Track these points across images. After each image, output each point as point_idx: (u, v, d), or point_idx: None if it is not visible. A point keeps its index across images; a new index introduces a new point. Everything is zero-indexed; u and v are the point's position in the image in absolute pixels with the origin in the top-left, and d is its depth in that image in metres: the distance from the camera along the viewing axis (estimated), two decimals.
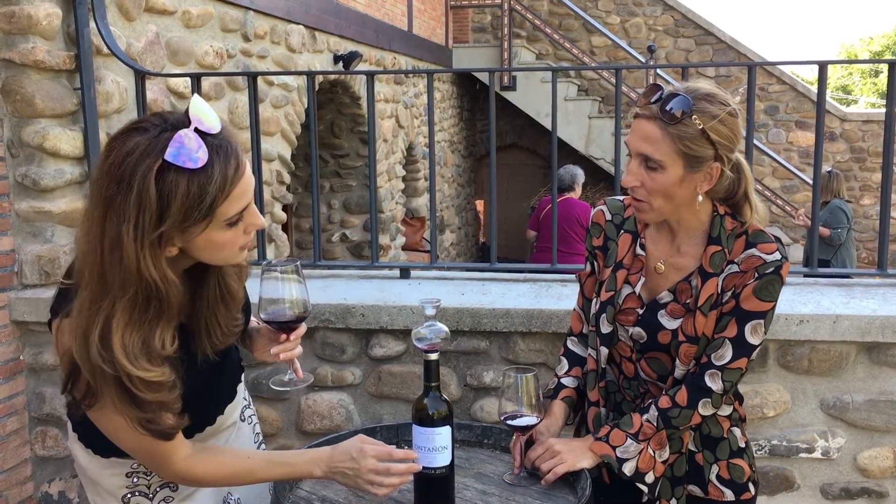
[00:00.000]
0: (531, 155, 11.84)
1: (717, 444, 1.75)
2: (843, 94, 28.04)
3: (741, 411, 1.80)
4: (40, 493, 2.91)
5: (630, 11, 11.50)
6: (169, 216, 1.26)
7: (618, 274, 1.76)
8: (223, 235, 1.35)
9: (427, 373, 1.66)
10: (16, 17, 2.75)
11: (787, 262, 1.64)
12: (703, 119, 1.55)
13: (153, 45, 3.66)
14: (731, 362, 1.64)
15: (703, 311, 1.65)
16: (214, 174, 1.28)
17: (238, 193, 1.33)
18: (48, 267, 2.83)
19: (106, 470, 1.58)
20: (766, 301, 1.62)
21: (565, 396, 1.89)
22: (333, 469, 1.54)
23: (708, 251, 1.66)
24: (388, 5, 8.38)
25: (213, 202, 1.29)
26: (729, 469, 1.75)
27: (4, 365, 2.78)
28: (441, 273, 3.09)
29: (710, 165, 1.59)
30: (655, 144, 1.56)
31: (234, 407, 1.72)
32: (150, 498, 1.60)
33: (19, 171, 2.84)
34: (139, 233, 1.25)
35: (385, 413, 2.72)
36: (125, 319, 1.29)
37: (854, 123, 10.82)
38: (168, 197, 1.26)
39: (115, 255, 1.27)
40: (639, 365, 1.75)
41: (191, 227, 1.30)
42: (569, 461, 1.70)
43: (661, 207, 1.63)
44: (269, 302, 1.57)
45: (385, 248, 7.89)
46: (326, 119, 7.42)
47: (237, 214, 1.35)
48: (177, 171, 1.26)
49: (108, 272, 1.28)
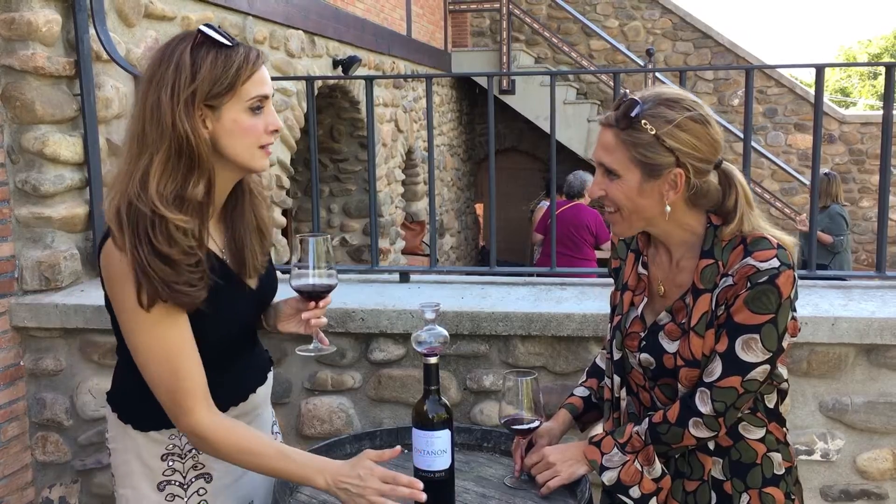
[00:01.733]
0: (531, 159, 11.85)
1: (748, 470, 1.61)
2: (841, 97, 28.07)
3: (780, 433, 1.64)
4: (41, 498, 2.92)
5: (629, 15, 11.53)
6: (199, 79, 1.47)
7: (624, 296, 1.71)
8: (247, 120, 1.52)
9: (427, 376, 1.66)
10: (16, 23, 2.76)
11: (788, 271, 1.48)
12: (655, 124, 1.48)
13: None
14: (720, 380, 1.51)
15: (697, 331, 1.54)
16: (239, 53, 1.50)
17: (258, 78, 1.52)
18: (48, 273, 2.84)
19: (143, 451, 1.63)
20: (760, 314, 1.48)
21: (568, 403, 1.89)
22: (338, 484, 1.53)
23: (699, 266, 1.56)
24: (387, 10, 8.40)
25: (236, 76, 1.49)
26: (761, 498, 1.60)
27: (5, 370, 2.78)
28: (441, 277, 3.09)
29: (673, 172, 1.50)
30: (611, 152, 1.53)
31: (264, 400, 1.80)
32: (185, 488, 1.65)
33: (19, 176, 2.84)
34: (175, 92, 1.47)
35: (385, 417, 2.72)
36: (160, 170, 1.47)
37: (853, 126, 10.83)
38: (199, 64, 1.48)
39: (154, 115, 1.47)
40: (653, 393, 1.66)
41: (218, 97, 1.49)
42: (564, 474, 1.69)
43: (630, 218, 1.56)
44: (301, 273, 1.65)
45: (385, 252, 7.89)
46: (326, 123, 7.43)
47: (258, 98, 1.52)
48: (208, 47, 1.49)
49: (147, 132, 1.48)
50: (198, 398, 1.54)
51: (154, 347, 1.52)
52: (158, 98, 1.48)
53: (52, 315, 2.76)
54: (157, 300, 1.48)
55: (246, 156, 1.55)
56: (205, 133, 1.50)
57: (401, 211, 8.69)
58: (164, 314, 1.50)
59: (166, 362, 1.52)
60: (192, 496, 1.67)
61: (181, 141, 1.47)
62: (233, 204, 1.65)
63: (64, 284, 2.88)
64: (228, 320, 1.63)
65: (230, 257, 1.64)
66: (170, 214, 1.46)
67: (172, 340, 1.52)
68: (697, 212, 1.58)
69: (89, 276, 3.04)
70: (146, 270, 1.45)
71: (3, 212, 2.82)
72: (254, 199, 1.68)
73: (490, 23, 11.81)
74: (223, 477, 1.70)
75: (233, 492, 1.72)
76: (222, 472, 1.69)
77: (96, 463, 2.85)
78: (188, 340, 1.54)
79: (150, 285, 1.46)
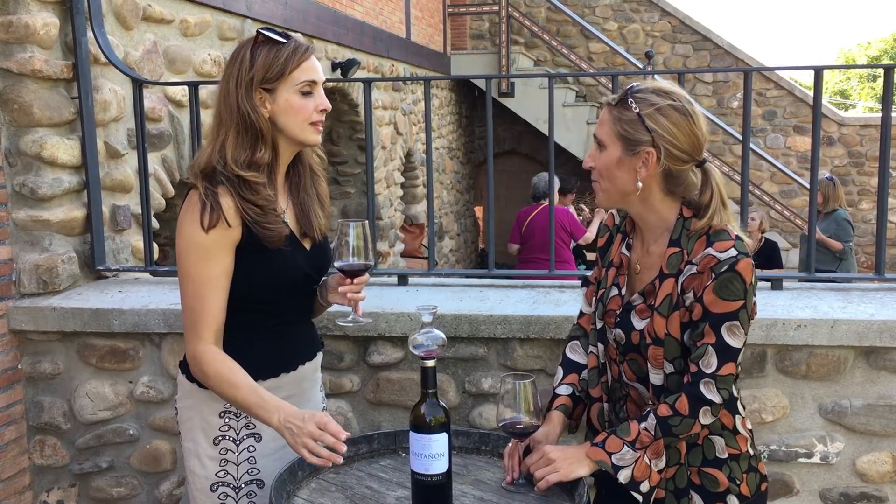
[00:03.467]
0: (530, 161, 11.84)
1: (689, 449, 1.75)
2: (841, 99, 28.10)
3: (727, 420, 1.76)
4: (39, 502, 2.91)
5: (628, 18, 11.53)
6: (255, 68, 1.81)
7: (609, 272, 1.84)
8: (298, 101, 1.83)
9: (424, 379, 1.66)
10: (13, 26, 2.76)
11: (744, 259, 1.62)
12: (641, 105, 1.67)
13: (151, 54, 3.67)
14: (719, 369, 1.64)
15: (660, 311, 1.68)
16: (289, 46, 1.83)
17: (307, 67, 1.84)
18: (46, 276, 2.83)
19: (205, 407, 1.89)
20: (732, 300, 1.61)
21: (560, 405, 1.90)
22: (286, 423, 1.73)
23: (667, 252, 1.71)
24: (386, 13, 8.40)
25: (285, 64, 1.81)
26: (700, 476, 1.74)
27: (3, 374, 2.78)
28: (439, 280, 3.09)
29: (646, 150, 1.66)
30: (603, 126, 1.72)
31: (312, 378, 2.03)
32: (237, 444, 1.89)
33: (17, 179, 2.84)
34: (238, 80, 1.82)
35: (383, 420, 2.71)
36: (233, 142, 1.82)
37: (852, 128, 10.83)
38: (256, 57, 1.82)
39: (226, 100, 1.83)
40: (622, 368, 1.79)
41: (272, 82, 1.81)
42: (563, 470, 1.70)
43: (608, 189, 1.73)
44: (341, 254, 1.85)
45: (384, 254, 7.89)
46: (325, 126, 7.42)
47: (307, 83, 1.84)
48: (263, 45, 1.83)
49: (222, 112, 1.84)
50: (210, 329, 1.82)
51: (195, 273, 1.80)
52: (227, 86, 1.83)
53: (49, 318, 2.76)
54: (217, 224, 1.76)
55: (297, 130, 1.85)
56: (264, 112, 1.82)
57: (400, 214, 8.69)
58: (217, 244, 1.79)
59: (200, 286, 1.80)
60: (243, 451, 1.90)
61: (246, 119, 1.81)
62: (297, 179, 1.96)
63: (62, 288, 2.88)
64: (287, 270, 1.88)
65: (294, 221, 1.93)
66: (244, 173, 1.80)
67: (211, 272, 1.80)
68: (672, 201, 1.73)
69: (87, 280, 3.03)
70: (243, 213, 1.79)
71: (0, 215, 2.81)
72: (315, 175, 2.00)
73: (489, 25, 11.81)
74: (271, 441, 1.89)
75: (280, 456, 1.88)
76: (270, 436, 1.87)
77: (94, 466, 2.85)
78: (224, 277, 1.82)
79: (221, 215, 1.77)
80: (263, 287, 1.86)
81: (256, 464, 1.90)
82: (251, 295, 1.86)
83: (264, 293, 1.87)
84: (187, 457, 1.94)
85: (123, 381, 2.81)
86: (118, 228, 3.25)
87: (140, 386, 2.79)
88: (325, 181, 2.04)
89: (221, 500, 1.90)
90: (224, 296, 1.83)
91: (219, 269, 1.81)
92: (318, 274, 1.99)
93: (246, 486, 1.90)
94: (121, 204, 3.27)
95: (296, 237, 1.92)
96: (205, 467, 1.90)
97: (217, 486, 1.89)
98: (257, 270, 1.84)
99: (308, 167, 1.98)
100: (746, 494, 1.76)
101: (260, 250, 1.83)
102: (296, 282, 1.91)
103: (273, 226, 1.82)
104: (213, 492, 1.90)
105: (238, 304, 1.85)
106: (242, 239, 1.81)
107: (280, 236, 1.83)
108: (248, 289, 1.85)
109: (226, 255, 1.81)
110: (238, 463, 1.90)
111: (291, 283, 1.90)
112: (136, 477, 2.85)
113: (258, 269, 1.84)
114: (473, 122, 12.10)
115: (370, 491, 1.79)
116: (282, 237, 1.84)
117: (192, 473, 1.93)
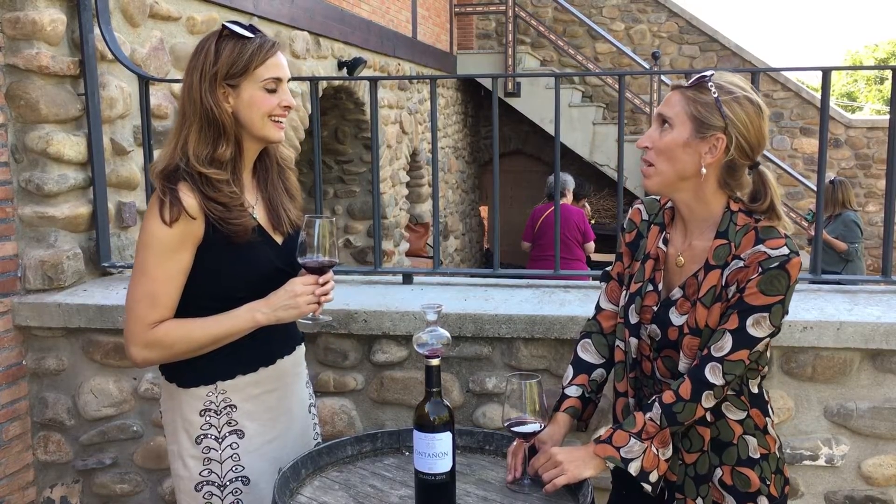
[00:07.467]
0: (536, 161, 11.84)
1: (725, 447, 1.73)
2: (848, 101, 28.00)
3: (760, 420, 1.75)
4: (42, 498, 2.91)
5: (634, 18, 11.51)
6: (219, 63, 1.79)
7: (646, 265, 1.81)
8: (262, 97, 1.81)
9: (428, 378, 1.66)
10: (20, 22, 2.76)
11: (796, 258, 1.62)
12: (719, 91, 1.65)
13: (157, 51, 3.67)
14: (731, 353, 1.63)
15: (703, 302, 1.67)
16: (254, 43, 1.81)
17: (272, 63, 1.82)
18: (51, 272, 2.84)
19: (185, 407, 1.87)
20: (771, 295, 1.61)
21: (568, 407, 1.88)
22: (275, 307, 1.80)
23: (713, 245, 1.69)
24: (393, 12, 8.40)
25: (249, 61, 1.79)
26: (733, 476, 1.72)
27: (7, 370, 2.78)
28: (444, 279, 3.08)
29: (717, 136, 1.64)
30: (672, 106, 1.69)
31: (294, 373, 2.00)
32: (219, 442, 1.87)
33: (23, 176, 2.84)
34: (201, 75, 1.80)
35: (387, 419, 2.71)
36: (196, 137, 1.80)
37: (859, 130, 10.79)
38: (221, 52, 1.80)
39: (189, 95, 1.81)
40: (655, 364, 1.77)
41: (235, 77, 1.79)
42: (570, 472, 1.69)
43: (664, 172, 1.69)
44: (304, 249, 1.82)
45: (389, 254, 7.89)
46: (330, 125, 7.43)
47: (272, 80, 1.82)
48: (228, 39, 1.81)
49: (186, 108, 1.82)
50: (165, 307, 1.79)
51: (153, 268, 1.77)
52: (191, 80, 1.81)
53: (54, 315, 2.76)
54: (180, 217, 1.74)
55: (258, 126, 1.83)
56: (227, 107, 1.81)
57: (405, 213, 8.68)
58: (180, 238, 1.76)
59: (157, 282, 1.77)
60: (226, 449, 1.88)
61: (209, 114, 1.79)
62: (264, 175, 1.95)
63: (66, 284, 2.88)
64: (258, 264, 1.86)
65: (264, 216, 1.92)
66: (206, 170, 1.78)
67: (171, 269, 1.77)
68: (721, 195, 1.71)
69: (92, 276, 3.04)
70: (206, 210, 1.77)
71: (6, 211, 2.82)
72: (282, 170, 2.00)
73: (496, 25, 11.80)
74: (255, 437, 1.89)
75: (264, 453, 1.90)
76: (254, 432, 1.89)
77: (98, 463, 2.85)
78: (182, 275, 1.80)
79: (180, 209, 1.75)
80: (234, 283, 1.84)
81: (240, 461, 1.89)
82: (222, 293, 1.83)
83: (235, 289, 1.84)
84: (172, 460, 1.93)
85: (127, 377, 2.81)
86: (123, 225, 3.25)
87: (144, 383, 2.80)
88: (293, 174, 2.04)
89: (207, 500, 1.88)
90: (179, 294, 1.81)
91: (178, 266, 1.79)
92: (290, 268, 1.93)
93: (231, 483, 1.88)
94: (126, 201, 3.28)
95: (266, 232, 1.90)
96: (188, 468, 1.88)
97: (202, 485, 1.88)
98: (227, 267, 1.82)
99: (274, 161, 1.97)
100: (775, 495, 1.76)
101: (228, 246, 1.81)
102: (266, 276, 1.87)
103: (238, 220, 1.80)
104: (198, 491, 1.88)
105: (209, 301, 1.82)
106: (208, 235, 1.79)
107: (246, 230, 1.81)
108: (218, 286, 1.83)
109: (187, 251, 1.79)
110: (222, 461, 1.88)
111: (262, 277, 1.87)
112: (139, 474, 2.85)
113: (227, 265, 1.82)
114: (479, 122, 12.10)
115: (374, 489, 1.78)
116: (248, 231, 1.82)
117: (177, 476, 1.92)
